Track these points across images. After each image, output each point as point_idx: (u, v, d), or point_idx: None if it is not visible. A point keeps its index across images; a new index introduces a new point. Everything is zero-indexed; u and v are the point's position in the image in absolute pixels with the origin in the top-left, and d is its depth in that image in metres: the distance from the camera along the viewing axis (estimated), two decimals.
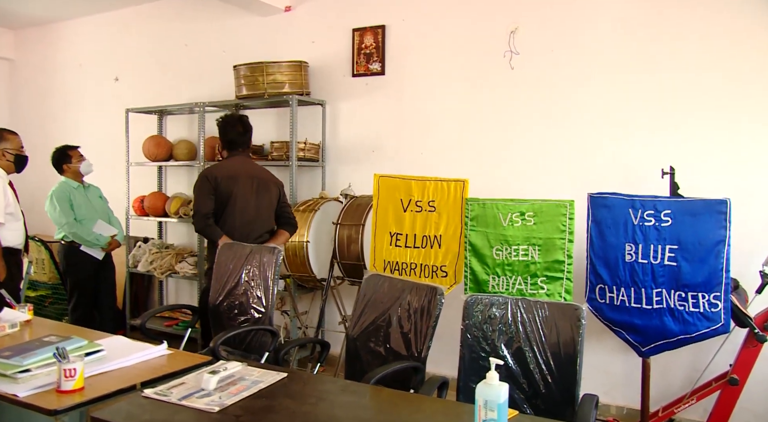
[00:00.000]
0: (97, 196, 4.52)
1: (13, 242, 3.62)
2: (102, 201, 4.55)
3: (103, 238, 4.37)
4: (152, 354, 2.30)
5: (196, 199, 3.47)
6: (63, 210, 4.24)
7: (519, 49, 3.92)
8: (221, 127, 3.62)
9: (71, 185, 4.35)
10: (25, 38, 6.74)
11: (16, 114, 6.84)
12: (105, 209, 4.54)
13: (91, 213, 4.39)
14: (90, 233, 4.32)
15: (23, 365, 2.02)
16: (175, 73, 5.49)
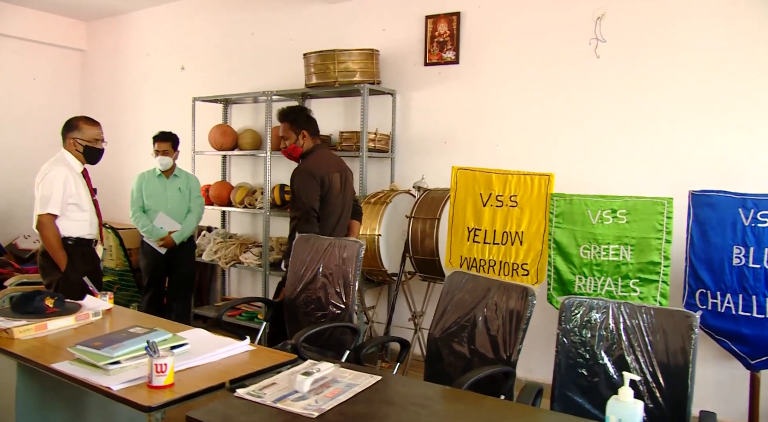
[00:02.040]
0: (177, 188, 4.41)
1: (76, 233, 3.42)
2: (180, 193, 4.41)
3: (156, 231, 4.30)
4: (236, 350, 2.23)
5: (304, 194, 3.24)
6: (133, 198, 4.38)
7: (606, 37, 3.69)
8: (305, 116, 3.49)
9: (153, 174, 4.40)
10: (96, 29, 6.85)
11: (87, 103, 6.97)
12: (180, 201, 4.41)
13: (159, 205, 4.34)
14: (146, 224, 4.30)
15: (113, 356, 1.98)
16: (241, 62, 5.46)
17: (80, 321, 2.56)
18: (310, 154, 3.43)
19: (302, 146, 3.42)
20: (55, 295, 2.56)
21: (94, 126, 3.51)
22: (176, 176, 4.43)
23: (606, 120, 3.69)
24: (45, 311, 2.49)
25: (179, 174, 4.45)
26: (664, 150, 3.51)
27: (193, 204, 4.47)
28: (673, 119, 3.49)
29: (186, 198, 4.43)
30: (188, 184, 4.46)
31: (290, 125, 3.41)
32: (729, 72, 3.32)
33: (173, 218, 4.36)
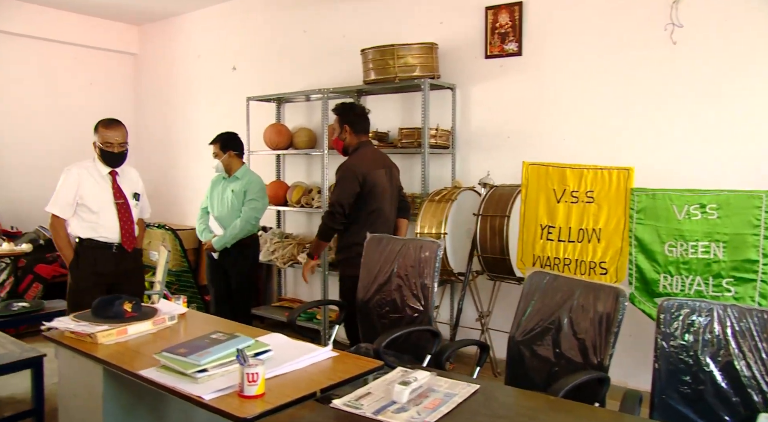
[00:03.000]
0: (230, 190, 4.11)
1: (84, 234, 3.33)
2: (232, 196, 4.11)
3: (205, 234, 4.23)
4: (319, 356, 2.17)
5: (339, 189, 3.32)
6: (203, 199, 4.37)
7: (682, 21, 3.49)
8: (352, 113, 3.52)
9: (220, 175, 4.24)
10: (148, 33, 6.93)
11: (140, 106, 7.06)
12: (229, 205, 4.10)
13: (213, 207, 4.23)
14: (200, 226, 4.28)
15: (200, 364, 1.93)
16: (293, 60, 5.42)
17: (158, 325, 2.54)
18: (356, 150, 3.48)
19: (344, 140, 3.51)
20: (132, 299, 2.54)
21: (107, 129, 3.36)
22: (236, 177, 4.15)
23: (686, 109, 3.50)
24: (124, 316, 2.48)
25: (240, 176, 4.14)
26: (756, 139, 3.29)
27: (244, 208, 4.06)
28: (757, 108, 3.28)
29: (238, 202, 4.08)
30: (244, 186, 4.10)
31: (337, 118, 3.54)
32: None
33: (220, 221, 4.16)
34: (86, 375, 2.30)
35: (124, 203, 3.38)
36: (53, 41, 6.36)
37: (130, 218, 3.39)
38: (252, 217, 4.05)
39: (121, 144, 3.36)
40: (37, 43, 6.26)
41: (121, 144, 3.36)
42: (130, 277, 3.45)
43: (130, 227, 3.40)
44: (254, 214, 4.07)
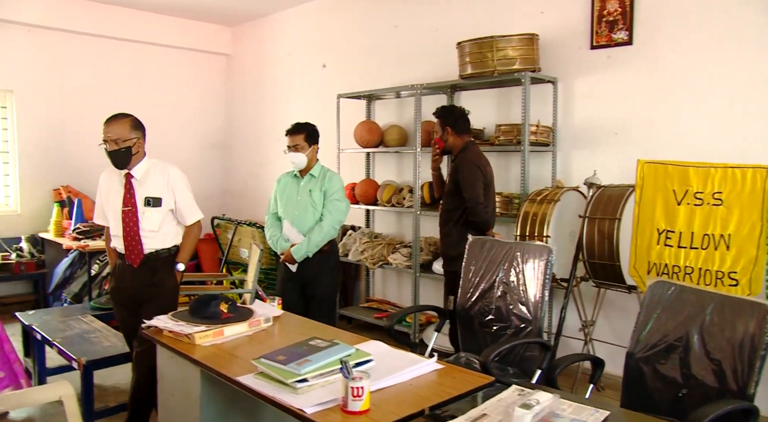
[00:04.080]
0: (308, 190, 3.62)
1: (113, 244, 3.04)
2: (309, 197, 3.59)
3: (281, 243, 3.61)
4: (425, 368, 2.02)
5: (476, 189, 3.42)
6: (269, 203, 3.83)
7: None
8: (453, 114, 3.61)
9: (290, 175, 3.73)
10: (240, 33, 7.06)
11: (231, 105, 7.21)
12: (308, 207, 3.58)
13: (288, 211, 3.64)
14: (273, 234, 3.68)
15: (301, 374, 1.83)
16: (384, 56, 5.31)
17: (253, 327, 2.48)
18: (465, 149, 3.56)
19: (446, 141, 3.59)
20: (228, 300, 2.50)
21: (104, 125, 2.91)
22: (312, 176, 3.63)
23: None
24: (220, 317, 2.43)
25: (317, 173, 3.63)
26: None
27: (326, 210, 3.56)
28: None
29: (317, 203, 3.57)
30: (323, 185, 3.59)
31: (439, 120, 3.62)
32: None
33: (299, 227, 3.58)
34: (184, 375, 2.27)
35: (130, 211, 2.90)
36: (153, 44, 6.59)
37: (134, 228, 2.89)
38: (337, 220, 3.60)
39: (116, 141, 2.83)
40: (138, 47, 6.51)
41: (116, 141, 2.83)
42: (148, 295, 2.93)
43: (134, 239, 2.89)
44: (339, 217, 3.60)
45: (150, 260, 2.95)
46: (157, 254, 2.95)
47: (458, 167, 3.49)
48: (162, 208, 2.94)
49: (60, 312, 4.05)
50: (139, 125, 2.96)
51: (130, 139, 2.87)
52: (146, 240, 2.92)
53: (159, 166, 3.02)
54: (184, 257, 3.03)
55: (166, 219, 2.96)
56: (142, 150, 2.96)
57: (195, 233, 3.09)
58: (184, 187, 3.02)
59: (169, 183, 2.98)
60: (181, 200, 2.99)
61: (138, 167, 2.94)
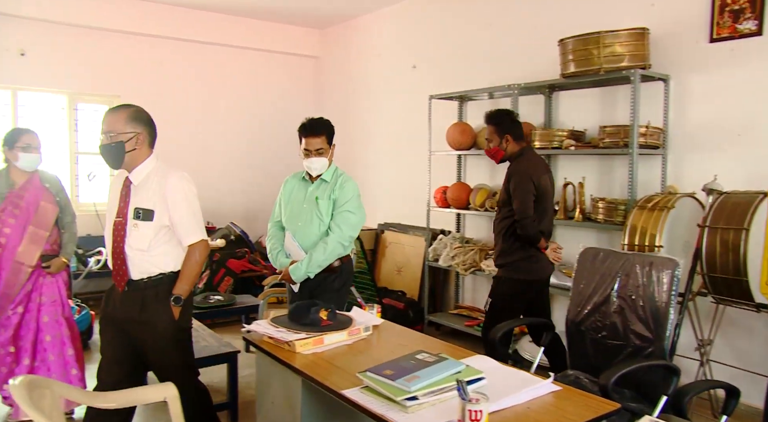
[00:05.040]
0: (314, 198, 3.04)
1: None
2: (316, 206, 3.00)
3: (280, 259, 3.07)
4: (541, 390, 1.86)
5: (526, 202, 3.25)
6: (273, 210, 3.29)
7: None
8: (510, 120, 3.44)
9: (297, 177, 3.22)
10: (329, 36, 7.10)
11: (320, 106, 7.26)
12: (314, 218, 3.00)
13: (291, 220, 3.08)
14: (273, 247, 3.13)
15: (410, 391, 1.72)
16: (476, 56, 5.15)
17: (353, 336, 2.40)
18: (520, 156, 3.40)
19: (504, 150, 3.42)
20: (328, 307, 2.44)
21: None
22: (323, 180, 3.06)
23: None
24: (320, 324, 2.37)
25: (329, 178, 3.06)
26: None
27: (334, 223, 2.96)
28: None
29: (324, 213, 2.99)
30: (334, 192, 3.01)
31: (495, 128, 3.42)
32: None
33: (301, 240, 3.01)
34: (285, 384, 2.22)
35: (120, 222, 2.43)
36: (245, 48, 6.75)
37: (120, 244, 2.42)
38: (346, 237, 2.97)
39: (107, 134, 2.37)
40: (232, 51, 6.69)
41: (107, 134, 2.37)
42: (138, 333, 2.44)
43: (119, 257, 2.42)
44: (348, 232, 2.98)
45: (137, 289, 2.41)
46: (148, 281, 2.41)
47: (511, 176, 3.34)
48: (153, 223, 2.39)
49: None
50: (141, 119, 2.43)
51: (124, 133, 2.36)
52: (132, 260, 2.41)
53: (161, 170, 2.46)
54: (181, 288, 2.43)
55: (159, 237, 2.42)
56: (144, 149, 2.43)
57: (196, 258, 2.45)
58: (181, 199, 2.42)
59: (168, 194, 2.40)
60: (176, 215, 2.40)
61: (138, 170, 2.43)
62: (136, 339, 2.45)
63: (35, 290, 3.26)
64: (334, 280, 3.05)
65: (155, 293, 2.42)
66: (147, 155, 2.45)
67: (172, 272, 2.46)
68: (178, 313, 2.45)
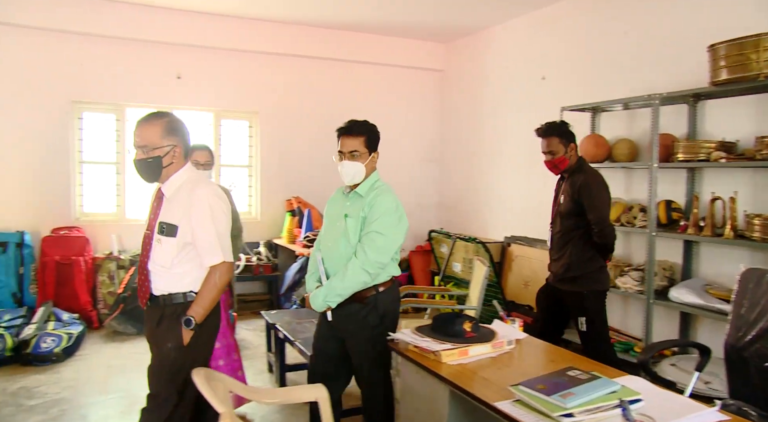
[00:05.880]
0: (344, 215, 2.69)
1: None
2: (347, 223, 2.64)
3: (309, 282, 2.80)
4: (708, 418, 1.77)
5: (607, 209, 3.39)
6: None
7: None
8: (570, 130, 3.51)
9: (340, 189, 2.88)
10: (455, 49, 7.17)
11: (445, 119, 7.35)
12: (341, 236, 2.64)
13: (323, 241, 2.78)
14: (309, 269, 2.84)
15: (567, 407, 1.71)
16: (611, 65, 4.98)
17: (496, 349, 2.41)
18: (581, 166, 3.50)
19: (569, 159, 3.47)
20: (472, 319, 2.47)
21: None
22: (357, 194, 2.69)
23: None
24: (464, 335, 2.41)
25: (363, 192, 2.67)
26: None
27: (360, 246, 2.57)
28: None
29: (352, 233, 2.61)
30: (364, 209, 2.62)
31: (559, 138, 3.46)
32: None
33: (328, 264, 2.69)
34: (430, 392, 2.28)
35: (148, 236, 2.37)
36: (373, 64, 6.98)
37: (144, 259, 2.36)
38: (371, 262, 2.54)
39: (143, 148, 2.27)
40: (360, 67, 6.95)
41: (143, 148, 2.27)
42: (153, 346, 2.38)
43: (143, 272, 2.36)
44: (375, 257, 2.54)
45: (157, 305, 2.33)
46: (168, 299, 2.31)
47: (586, 185, 3.34)
48: (177, 239, 2.27)
49: (296, 314, 4.41)
50: (176, 130, 2.33)
51: (160, 147, 2.26)
52: (155, 277, 2.33)
53: (192, 183, 2.33)
54: (196, 310, 2.26)
55: (183, 255, 2.30)
56: (179, 160, 2.33)
57: (215, 281, 2.29)
58: (206, 215, 2.27)
59: (192, 209, 2.28)
60: (199, 232, 2.27)
61: (171, 182, 2.34)
62: (154, 352, 2.37)
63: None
64: (367, 315, 2.62)
65: (173, 311, 2.30)
66: (181, 166, 2.35)
67: (192, 293, 2.31)
68: (189, 337, 2.26)
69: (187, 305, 2.29)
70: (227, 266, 2.31)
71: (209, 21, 6.01)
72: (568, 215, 3.44)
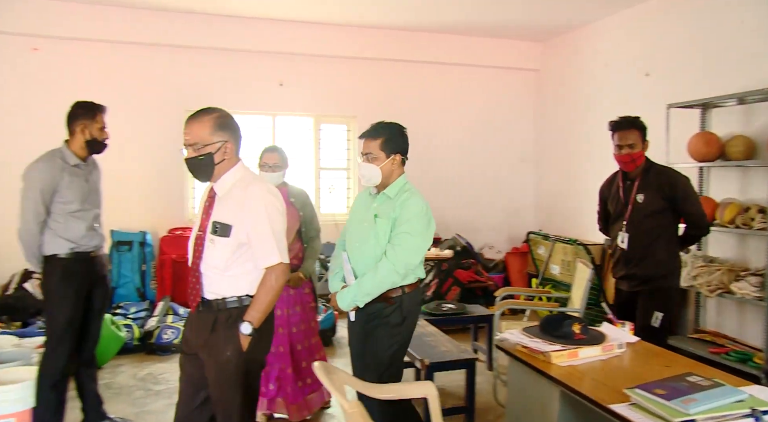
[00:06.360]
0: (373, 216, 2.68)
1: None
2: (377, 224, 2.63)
3: (333, 282, 2.81)
4: None
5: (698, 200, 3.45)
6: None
7: None
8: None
9: (368, 190, 2.86)
10: (551, 48, 7.04)
11: (542, 120, 7.22)
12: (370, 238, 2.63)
13: (350, 241, 2.77)
14: (331, 267, 2.90)
15: (690, 413, 1.69)
16: (723, 58, 4.71)
17: (606, 352, 2.39)
18: (654, 163, 3.47)
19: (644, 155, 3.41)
20: (582, 321, 2.45)
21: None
22: (386, 196, 2.66)
23: None
24: (573, 337, 2.40)
25: (393, 194, 2.65)
26: None
27: (390, 246, 2.57)
28: None
29: (382, 235, 2.59)
30: (395, 210, 2.59)
31: (640, 132, 3.41)
32: None
33: (355, 264, 2.68)
34: (540, 393, 2.30)
35: (200, 237, 2.26)
36: (466, 65, 6.99)
37: (196, 261, 2.24)
38: (401, 263, 2.53)
39: (193, 146, 2.18)
40: (454, 69, 6.97)
41: (193, 146, 2.18)
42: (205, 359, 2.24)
43: (194, 274, 2.24)
44: (405, 257, 2.54)
45: (210, 310, 2.22)
46: (221, 303, 2.21)
47: (676, 181, 3.34)
48: (231, 240, 2.17)
49: None
50: (227, 125, 2.23)
51: (212, 143, 2.18)
52: (207, 279, 2.22)
53: (246, 181, 2.24)
54: (252, 315, 2.16)
55: (238, 256, 2.20)
56: (231, 157, 2.24)
57: (272, 283, 2.18)
58: (262, 213, 2.18)
59: (247, 207, 2.18)
60: (254, 232, 2.17)
61: (223, 180, 2.24)
62: (205, 367, 2.24)
63: (284, 301, 3.41)
64: (390, 313, 2.59)
65: (227, 316, 2.19)
66: (234, 163, 2.25)
67: (247, 296, 2.22)
68: (247, 343, 2.17)
69: (242, 310, 2.18)
70: (284, 268, 2.20)
71: (309, 29, 6.26)
72: (654, 213, 3.32)
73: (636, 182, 3.40)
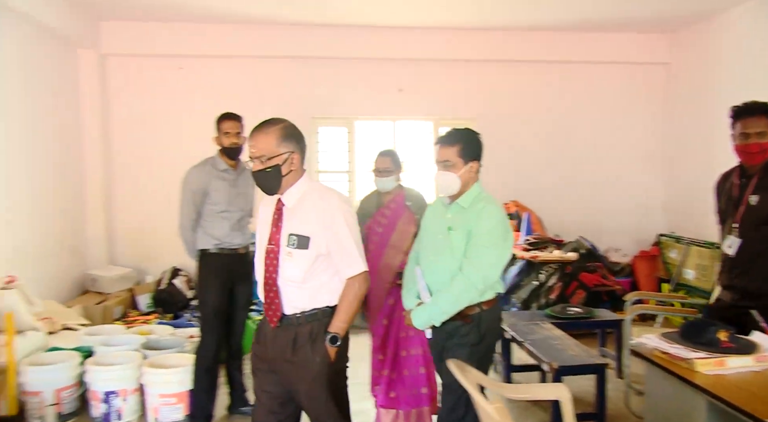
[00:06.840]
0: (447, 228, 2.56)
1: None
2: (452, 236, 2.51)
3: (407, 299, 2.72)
4: None
5: None
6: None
7: None
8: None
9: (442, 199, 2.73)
10: (681, 39, 6.64)
11: (671, 116, 6.82)
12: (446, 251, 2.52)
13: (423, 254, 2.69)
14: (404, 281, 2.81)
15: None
16: None
17: (760, 362, 2.25)
18: None
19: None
20: (728, 328, 2.33)
21: (249, 139, 2.28)
22: (460, 207, 2.53)
23: None
24: (719, 345, 2.29)
25: (467, 204, 2.51)
26: None
27: (467, 259, 2.43)
28: None
29: (457, 248, 2.46)
30: (470, 222, 2.46)
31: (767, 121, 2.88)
32: None
33: (429, 279, 2.56)
34: (683, 402, 2.22)
35: (272, 250, 2.22)
36: (586, 62, 6.76)
37: (272, 275, 2.21)
38: (479, 278, 2.40)
39: (260, 158, 2.17)
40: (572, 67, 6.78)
41: (260, 158, 2.17)
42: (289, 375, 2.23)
43: (272, 289, 2.21)
44: (484, 271, 2.41)
45: (290, 325, 2.20)
46: (301, 317, 2.19)
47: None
48: (309, 251, 2.17)
49: (519, 316, 4.48)
50: (293, 136, 2.22)
51: (278, 155, 2.16)
52: (286, 294, 2.21)
53: (317, 192, 2.24)
54: (338, 325, 2.17)
55: (316, 267, 2.19)
56: (297, 168, 2.22)
57: (356, 291, 2.20)
58: (345, 225, 2.18)
59: (326, 218, 2.18)
60: (337, 243, 2.18)
61: (291, 192, 2.23)
62: (289, 381, 2.23)
63: (396, 307, 3.29)
64: (468, 333, 2.47)
65: (309, 330, 2.18)
66: (300, 175, 2.24)
67: (327, 308, 2.21)
68: (335, 354, 2.18)
69: (323, 323, 2.19)
70: (366, 276, 2.23)
71: (425, 35, 6.35)
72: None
73: (753, 180, 2.85)
